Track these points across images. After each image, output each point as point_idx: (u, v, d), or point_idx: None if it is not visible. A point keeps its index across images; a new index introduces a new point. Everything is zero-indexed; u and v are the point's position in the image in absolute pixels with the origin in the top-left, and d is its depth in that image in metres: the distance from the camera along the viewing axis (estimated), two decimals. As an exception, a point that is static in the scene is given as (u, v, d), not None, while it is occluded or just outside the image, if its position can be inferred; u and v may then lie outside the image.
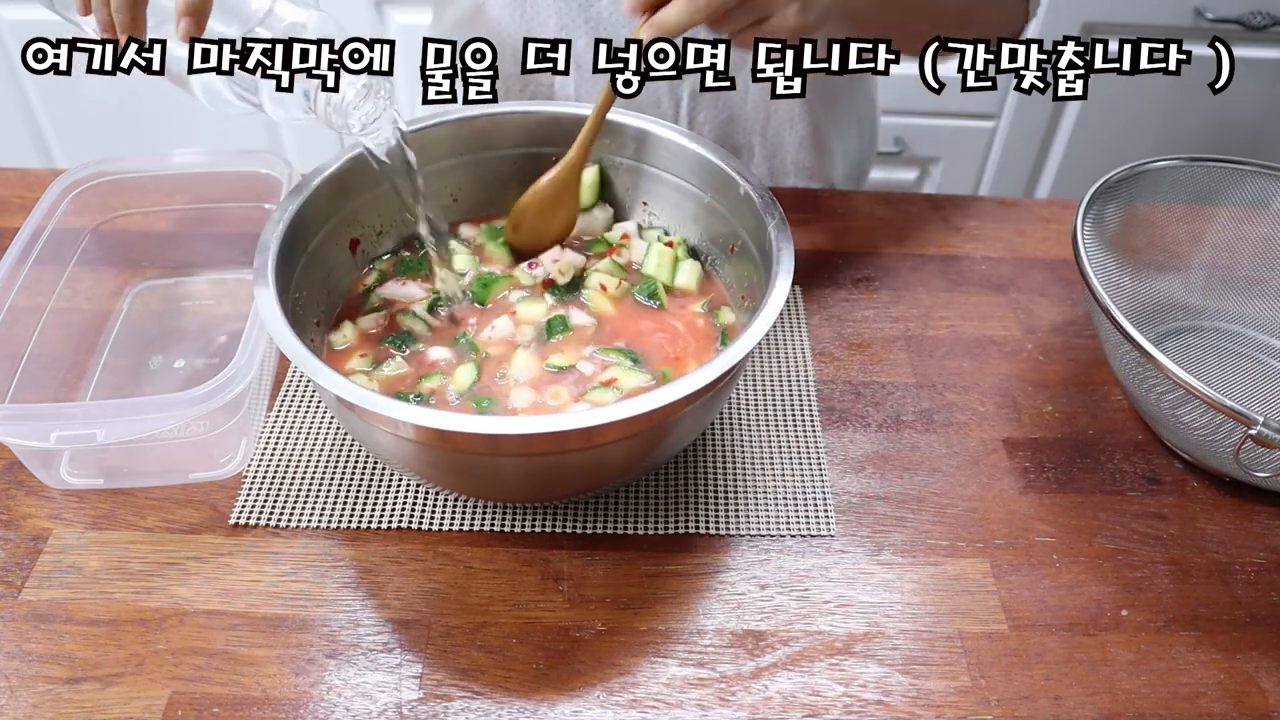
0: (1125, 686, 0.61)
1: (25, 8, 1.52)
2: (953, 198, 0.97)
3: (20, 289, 0.71)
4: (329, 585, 0.64)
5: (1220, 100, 1.62)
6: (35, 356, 0.71)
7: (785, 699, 0.59)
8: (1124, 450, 0.75)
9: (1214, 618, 0.65)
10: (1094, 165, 1.14)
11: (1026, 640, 0.63)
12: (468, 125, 0.77)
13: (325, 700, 0.58)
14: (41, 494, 0.69)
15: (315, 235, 0.70)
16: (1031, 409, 0.77)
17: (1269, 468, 0.65)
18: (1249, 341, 0.82)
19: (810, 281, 0.87)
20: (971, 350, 0.82)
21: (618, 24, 0.84)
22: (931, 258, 0.91)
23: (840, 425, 0.75)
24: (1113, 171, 0.79)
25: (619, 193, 0.80)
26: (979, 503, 0.70)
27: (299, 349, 0.58)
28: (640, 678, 0.60)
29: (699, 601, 0.64)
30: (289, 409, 0.75)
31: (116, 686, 0.59)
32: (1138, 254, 0.82)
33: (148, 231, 0.83)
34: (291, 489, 0.69)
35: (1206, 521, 0.70)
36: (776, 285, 0.62)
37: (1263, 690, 0.61)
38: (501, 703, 0.59)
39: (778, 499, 0.70)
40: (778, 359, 0.80)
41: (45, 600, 0.63)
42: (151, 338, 0.79)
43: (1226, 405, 0.63)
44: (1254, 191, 0.82)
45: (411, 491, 0.69)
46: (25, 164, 1.11)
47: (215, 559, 0.65)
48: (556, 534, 0.67)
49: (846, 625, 0.63)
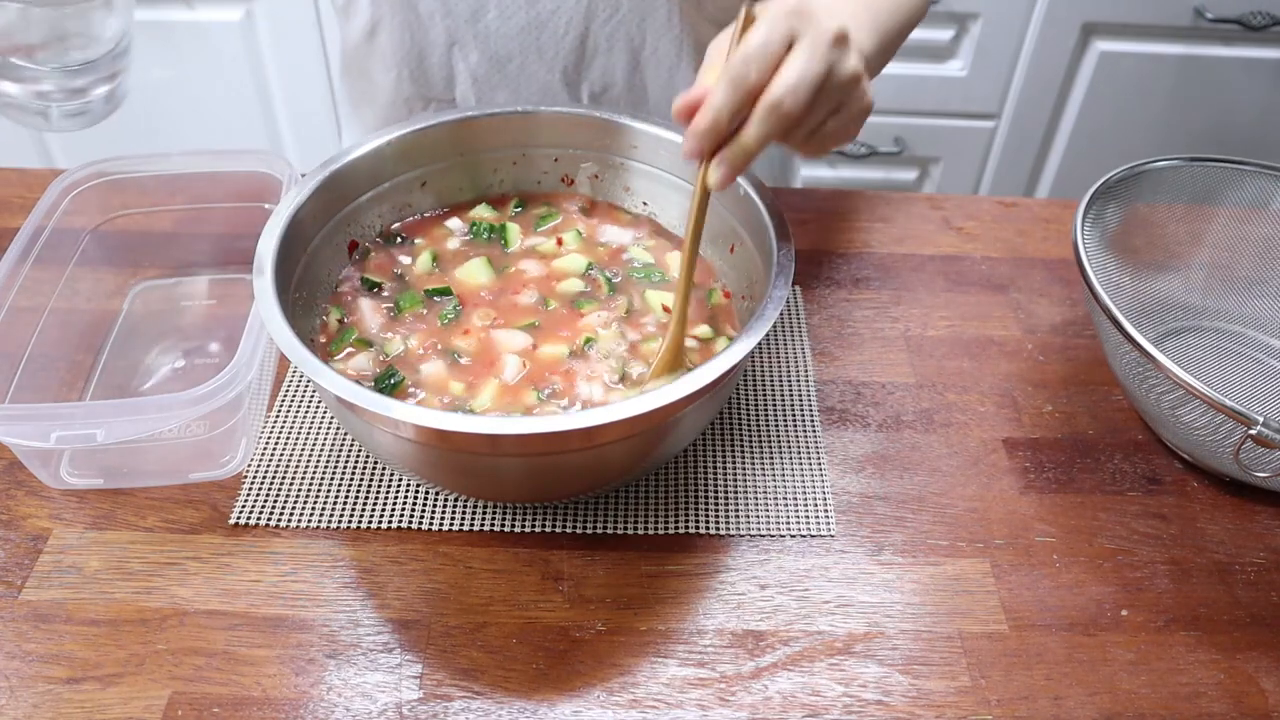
0: (1125, 686, 0.61)
1: (25, 8, 1.52)
2: (953, 198, 0.97)
3: (20, 289, 0.71)
4: (329, 585, 0.64)
5: (1220, 100, 1.62)
6: (35, 356, 0.71)
7: (785, 699, 0.59)
8: (1124, 450, 0.75)
9: (1214, 618, 0.65)
10: (1094, 165, 1.14)
11: (1026, 640, 0.63)
12: (469, 125, 0.77)
13: (325, 700, 0.58)
14: (41, 494, 0.69)
15: (315, 235, 0.70)
16: (1031, 409, 0.77)
17: (1269, 468, 0.65)
18: (1249, 341, 0.82)
19: (810, 281, 0.87)
20: (971, 350, 0.82)
21: (506, 36, 0.85)
22: (931, 258, 0.91)
23: (840, 425, 0.75)
24: (1113, 171, 0.79)
25: (619, 193, 0.80)
26: (979, 503, 0.70)
27: (299, 349, 0.58)
28: (640, 678, 0.60)
29: (699, 601, 0.64)
30: (289, 409, 0.75)
31: (116, 686, 0.59)
32: (1138, 254, 0.82)
33: (148, 231, 0.83)
34: (291, 489, 0.69)
35: (1206, 521, 0.70)
36: (776, 285, 0.62)
37: (1263, 690, 0.61)
38: (501, 703, 0.59)
39: (778, 499, 0.70)
40: (778, 359, 0.80)
41: (45, 600, 0.63)
42: (151, 338, 0.79)
43: (1226, 405, 0.63)
44: (1254, 191, 0.82)
45: (411, 491, 0.69)
46: (25, 164, 1.11)
47: (215, 559, 0.65)
48: (556, 534, 0.67)
49: (846, 625, 0.63)
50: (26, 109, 0.67)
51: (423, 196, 0.78)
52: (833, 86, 0.57)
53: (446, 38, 0.86)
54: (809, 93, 0.55)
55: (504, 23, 0.84)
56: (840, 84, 0.58)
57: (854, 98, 0.59)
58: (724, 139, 0.56)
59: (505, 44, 0.85)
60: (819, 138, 0.60)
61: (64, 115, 0.68)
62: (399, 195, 0.76)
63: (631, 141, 0.77)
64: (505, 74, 0.87)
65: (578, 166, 0.80)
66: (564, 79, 0.87)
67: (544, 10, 0.83)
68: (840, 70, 0.57)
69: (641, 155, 0.78)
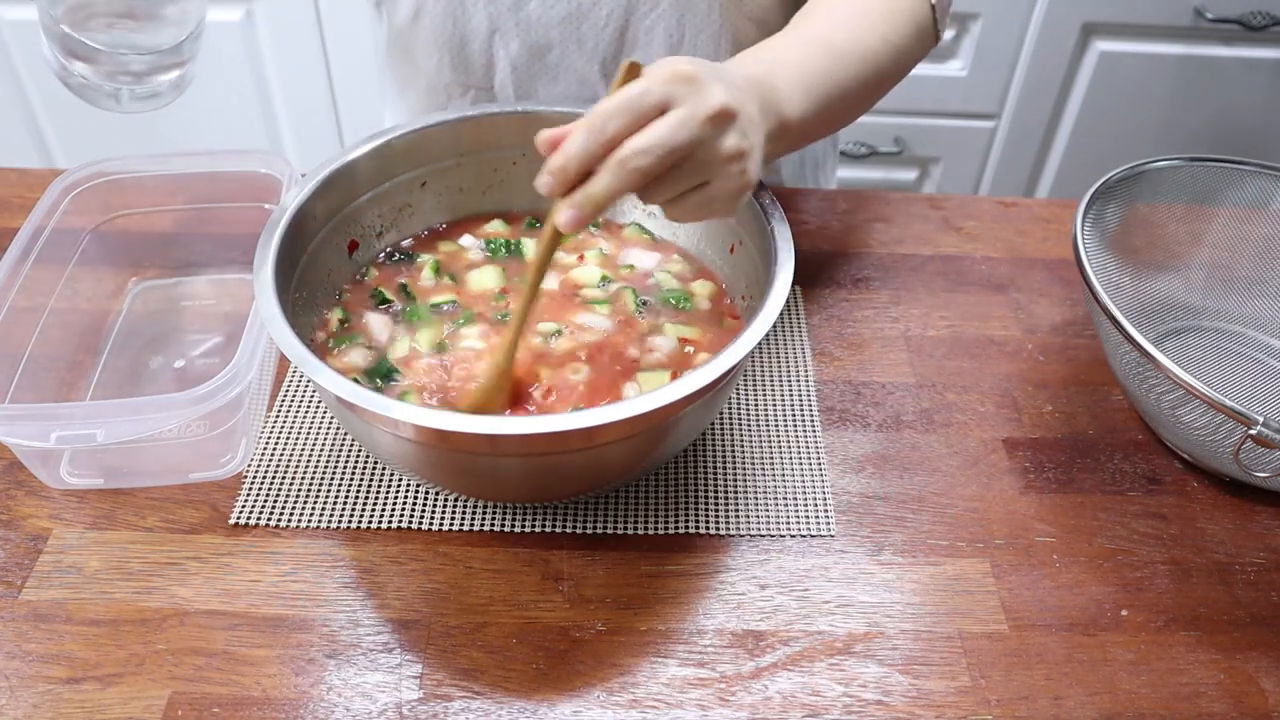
0: (1125, 686, 0.61)
1: (25, 8, 1.52)
2: (953, 198, 0.97)
3: (20, 289, 0.71)
4: (329, 585, 0.64)
5: (1220, 100, 1.62)
6: (35, 356, 0.71)
7: (785, 699, 0.59)
8: (1124, 450, 0.75)
9: (1214, 618, 0.65)
10: (1094, 165, 1.14)
11: (1026, 640, 0.63)
12: (469, 125, 0.77)
13: (325, 700, 0.58)
14: (41, 494, 0.69)
15: (315, 235, 0.70)
16: (1031, 409, 0.77)
17: (1269, 468, 0.65)
18: (1249, 341, 0.82)
19: (810, 281, 0.87)
20: (971, 350, 0.82)
21: (547, 24, 0.85)
22: (931, 258, 0.91)
23: (840, 425, 0.75)
24: (1113, 171, 0.79)
25: (619, 193, 0.80)
26: (979, 503, 0.70)
27: (299, 349, 0.58)
28: (640, 678, 0.60)
29: (699, 601, 0.64)
30: (289, 409, 0.75)
31: (116, 686, 0.59)
32: (1138, 254, 0.82)
33: (148, 231, 0.83)
34: (291, 489, 0.69)
35: (1206, 521, 0.70)
36: (776, 285, 0.62)
37: (1263, 690, 0.61)
38: (501, 703, 0.59)
39: (778, 499, 0.70)
40: (778, 359, 0.80)
41: (45, 600, 0.63)
42: (151, 338, 0.79)
43: (1226, 405, 0.63)
44: (1254, 191, 0.82)
45: (411, 491, 0.69)
46: (25, 164, 1.11)
47: (215, 559, 0.65)
48: (556, 534, 0.67)
49: (846, 625, 0.63)
50: (99, 90, 0.67)
51: (423, 196, 0.78)
52: (700, 160, 0.56)
53: (489, 25, 0.86)
54: (662, 158, 0.54)
55: (546, 11, 0.84)
56: (710, 159, 0.56)
57: (726, 175, 0.57)
58: (574, 184, 0.55)
59: (546, 33, 0.85)
60: (683, 205, 0.58)
61: (134, 98, 0.68)
62: (399, 195, 0.76)
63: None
64: (544, 64, 0.87)
65: None
66: (602, 70, 0.88)
67: (586, 1, 0.84)
68: (712, 144, 0.55)
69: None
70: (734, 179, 0.58)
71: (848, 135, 1.67)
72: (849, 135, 1.67)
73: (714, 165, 0.57)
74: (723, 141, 0.56)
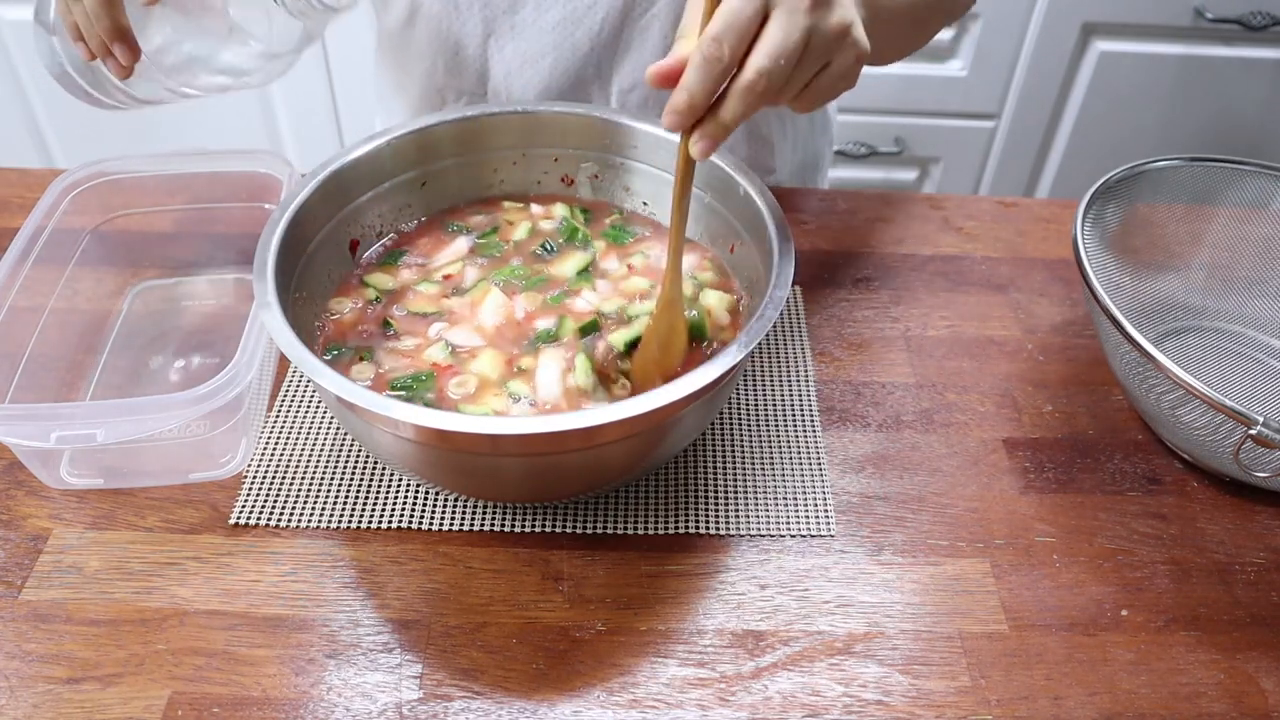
0: (1125, 686, 0.61)
1: (25, 8, 1.52)
2: (953, 198, 0.97)
3: (20, 289, 0.71)
4: (329, 585, 0.64)
5: (1220, 100, 1.62)
6: (35, 356, 0.71)
7: (785, 699, 0.59)
8: (1124, 450, 0.75)
9: (1214, 618, 0.65)
10: (1094, 165, 1.14)
11: (1026, 640, 0.63)
12: (469, 125, 0.77)
13: (325, 700, 0.58)
14: (41, 494, 0.69)
15: (315, 235, 0.70)
16: (1031, 409, 0.77)
17: (1269, 468, 0.65)
18: (1249, 341, 0.82)
19: (810, 281, 0.87)
20: (971, 350, 0.82)
21: (542, 29, 0.85)
22: (931, 258, 0.91)
23: (840, 425, 0.75)
24: (1113, 171, 0.79)
25: (619, 193, 0.80)
26: (979, 503, 0.70)
27: (299, 349, 0.58)
28: (640, 678, 0.60)
29: (699, 601, 0.64)
30: (289, 409, 0.75)
31: (116, 686, 0.59)
32: (1138, 254, 0.82)
33: (148, 231, 0.83)
34: (291, 489, 0.69)
35: (1206, 521, 0.70)
36: (776, 285, 0.62)
37: (1263, 690, 0.61)
38: (501, 703, 0.59)
39: (778, 499, 0.70)
40: (778, 359, 0.80)
41: (45, 600, 0.63)
42: (151, 338, 0.79)
43: (1226, 405, 0.63)
44: (1254, 191, 0.82)
45: (411, 491, 0.69)
46: (25, 164, 1.11)
47: (215, 559, 0.65)
48: (556, 534, 0.67)
49: (846, 625, 0.63)
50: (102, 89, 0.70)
51: (423, 196, 0.78)
52: (816, 47, 0.55)
53: (483, 29, 0.86)
54: (785, 66, 0.54)
55: (540, 15, 0.84)
56: (824, 42, 0.55)
57: (842, 50, 0.57)
58: (701, 115, 0.55)
59: (541, 37, 0.85)
60: (810, 94, 0.58)
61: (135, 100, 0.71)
62: (400, 195, 0.76)
63: (631, 141, 0.77)
64: (538, 68, 0.87)
65: (578, 166, 0.80)
66: (597, 74, 0.88)
67: (580, 5, 0.83)
68: (822, 28, 0.55)
69: (641, 155, 0.78)
70: (849, 51, 0.57)
71: (847, 135, 1.67)
72: (848, 135, 1.67)
73: (829, 46, 0.56)
74: (829, 20, 0.55)
